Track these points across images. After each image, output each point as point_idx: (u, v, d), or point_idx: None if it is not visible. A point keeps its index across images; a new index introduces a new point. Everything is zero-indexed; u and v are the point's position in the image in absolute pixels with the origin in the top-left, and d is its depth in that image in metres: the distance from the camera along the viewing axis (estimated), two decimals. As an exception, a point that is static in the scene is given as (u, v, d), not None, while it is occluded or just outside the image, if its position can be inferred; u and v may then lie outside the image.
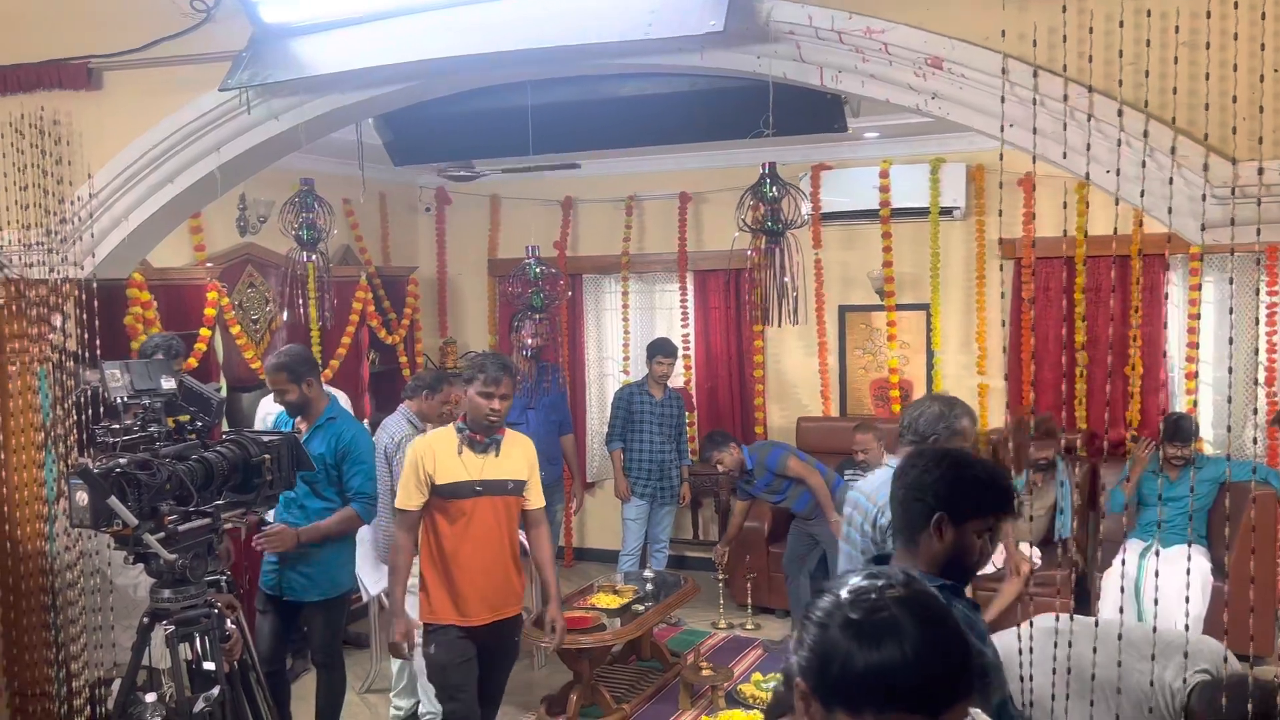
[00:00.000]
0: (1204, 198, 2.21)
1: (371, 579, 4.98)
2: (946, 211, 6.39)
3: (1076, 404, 6.27)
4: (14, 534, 3.31)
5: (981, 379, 6.52)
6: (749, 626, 6.05)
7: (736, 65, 2.65)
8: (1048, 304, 6.32)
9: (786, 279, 3.53)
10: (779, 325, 3.93)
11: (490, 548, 3.76)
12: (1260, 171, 2.16)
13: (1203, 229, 2.20)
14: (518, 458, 3.83)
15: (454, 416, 4.94)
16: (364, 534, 4.80)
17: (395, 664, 4.89)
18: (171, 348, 4.33)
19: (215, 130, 3.09)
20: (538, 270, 4.43)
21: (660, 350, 6.19)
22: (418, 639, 3.92)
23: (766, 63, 2.59)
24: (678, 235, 7.11)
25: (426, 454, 3.69)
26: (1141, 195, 2.27)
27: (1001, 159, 2.41)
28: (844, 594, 1.21)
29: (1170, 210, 2.23)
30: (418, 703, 4.84)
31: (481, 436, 3.70)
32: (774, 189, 3.48)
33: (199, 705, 2.94)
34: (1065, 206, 2.70)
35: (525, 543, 4.27)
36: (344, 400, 5.84)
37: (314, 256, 3.80)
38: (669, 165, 6.97)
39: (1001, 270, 6.37)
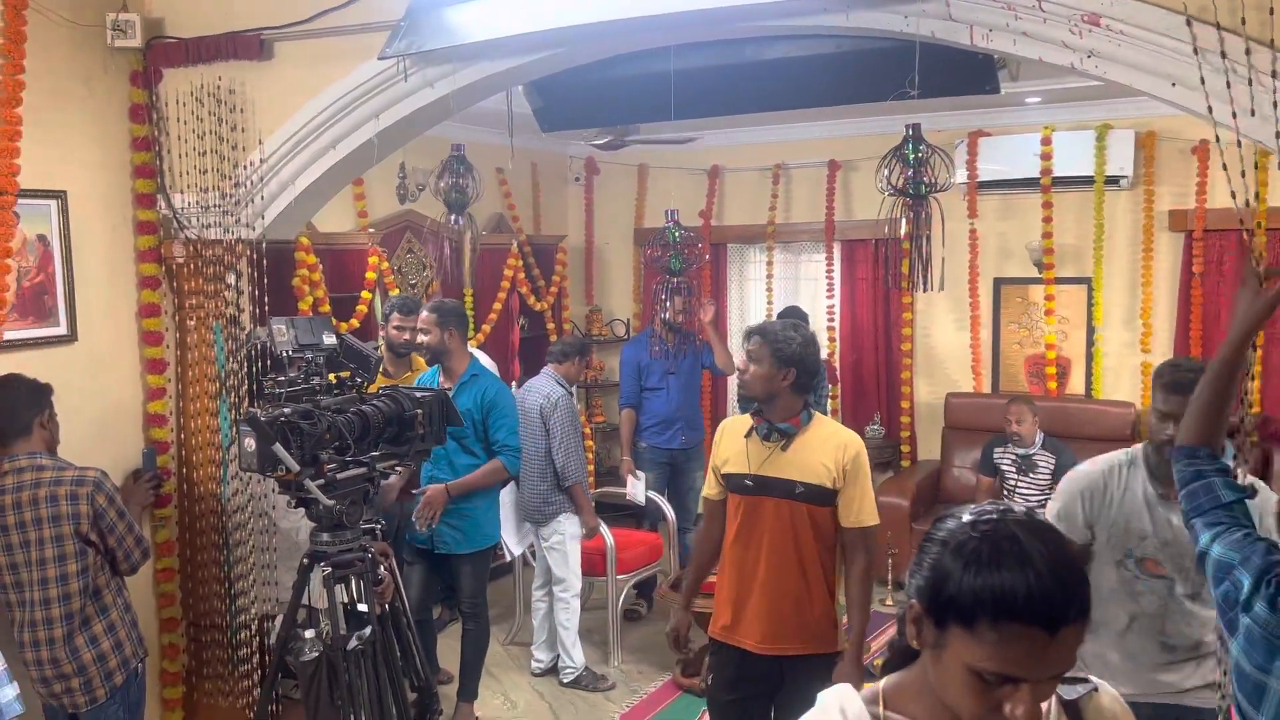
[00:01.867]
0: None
1: (514, 539, 5.15)
2: (1113, 180, 6.07)
3: (1251, 385, 5.90)
4: (191, 477, 3.57)
5: (1145, 357, 6.20)
6: (888, 603, 5.97)
7: (883, 25, 2.59)
8: (1220, 279, 5.95)
9: (928, 245, 3.43)
10: (921, 292, 3.82)
11: (772, 559, 3.08)
12: None
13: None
14: (817, 457, 3.05)
15: (586, 379, 5.12)
16: (505, 496, 4.98)
17: (537, 616, 5.07)
18: (406, 305, 4.70)
19: (374, 98, 3.22)
20: (676, 234, 4.44)
21: (792, 316, 6.11)
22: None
23: (914, 21, 2.53)
24: (825, 204, 7.00)
25: (719, 437, 3.23)
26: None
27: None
28: (965, 517, 1.23)
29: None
30: (557, 656, 5.01)
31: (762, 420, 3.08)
32: (917, 151, 3.37)
33: (352, 643, 3.12)
34: (1243, 175, 2.49)
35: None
36: (489, 364, 6.04)
37: (461, 220, 3.92)
38: (818, 133, 6.87)
39: (1170, 244, 6.05)
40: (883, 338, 6.98)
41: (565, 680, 4.92)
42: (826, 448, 3.05)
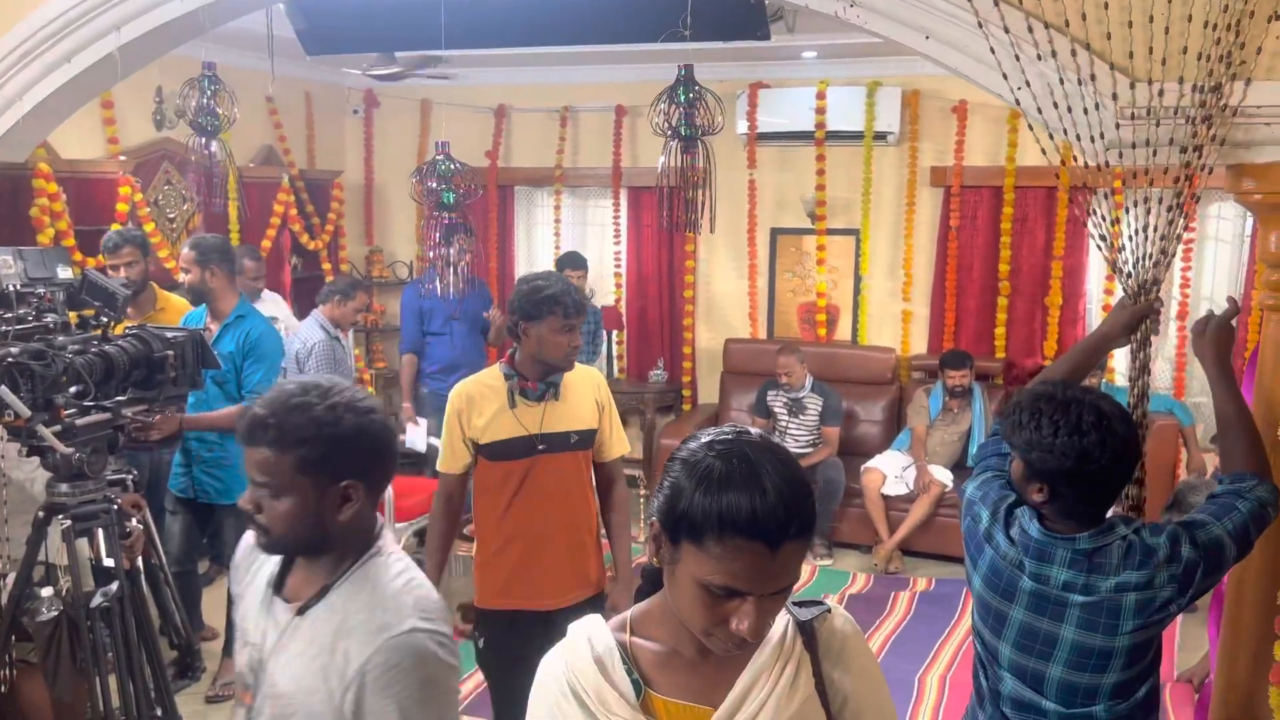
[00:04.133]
0: (1116, 125, 2.22)
1: None
2: (881, 136, 6.38)
3: (997, 333, 6.39)
4: (-97, 424, 3.19)
5: (906, 305, 6.60)
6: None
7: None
8: (974, 233, 6.39)
9: (704, 188, 3.48)
10: (691, 233, 3.87)
11: (557, 516, 3.00)
12: (1160, 93, 2.17)
13: (1106, 149, 2.21)
14: (583, 401, 3.01)
15: (366, 324, 4.93)
16: None
17: None
18: (110, 241, 4.24)
19: (115, 8, 2.92)
20: (446, 167, 4.28)
21: (569, 264, 6.11)
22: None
23: (687, -38, 2.53)
24: (613, 149, 7.01)
25: (464, 406, 2.95)
26: (1050, 111, 2.27)
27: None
28: (704, 438, 1.26)
29: (1080, 134, 2.24)
30: None
31: (534, 384, 2.92)
32: (689, 92, 3.41)
33: (96, 600, 2.90)
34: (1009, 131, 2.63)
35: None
36: (282, 305, 5.74)
37: (213, 146, 3.65)
38: (605, 76, 6.85)
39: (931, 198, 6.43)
40: (666, 285, 7.10)
41: None
42: (585, 389, 3.03)
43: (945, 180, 6.34)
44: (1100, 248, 2.32)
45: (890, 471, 5.88)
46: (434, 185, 4.09)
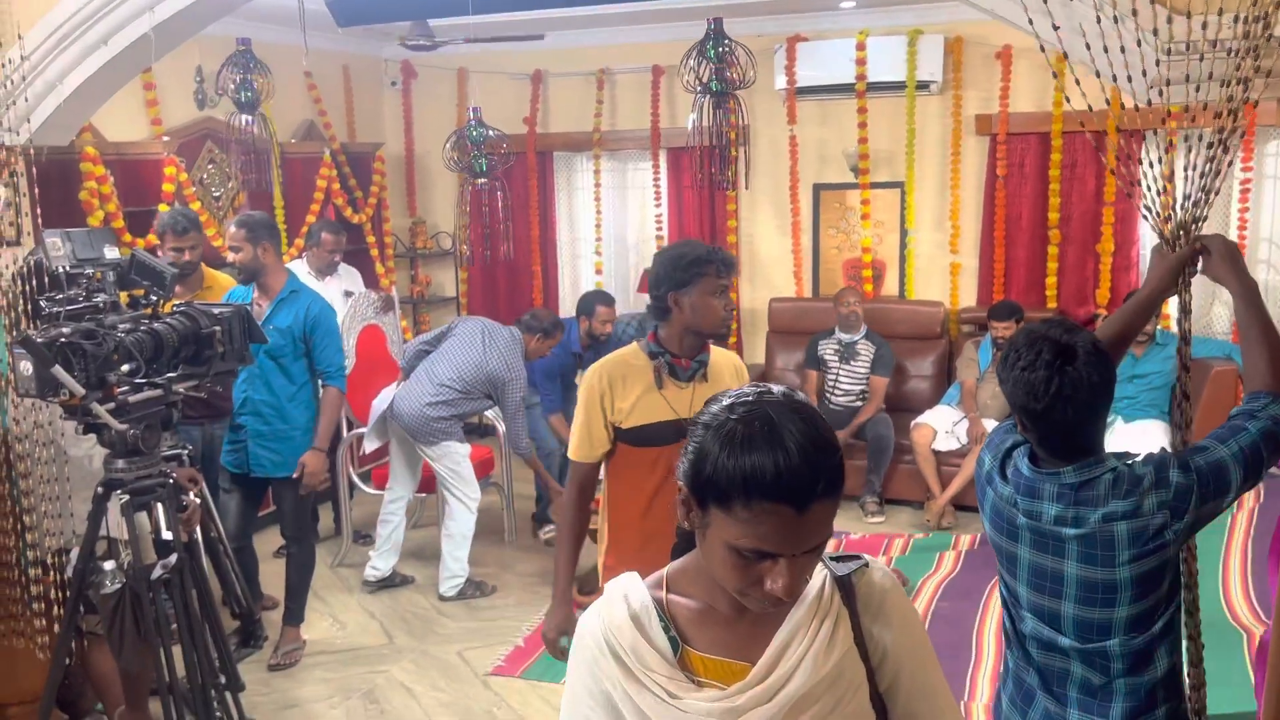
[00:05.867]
0: (1156, 62, 2.15)
1: (372, 435, 5.17)
2: (923, 86, 6.25)
3: (1048, 282, 6.27)
4: (-33, 407, 3.29)
5: (954, 258, 6.49)
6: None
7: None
8: (1022, 181, 6.26)
9: (740, 144, 3.42)
10: (727, 190, 3.82)
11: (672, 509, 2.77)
12: (1204, 25, 2.09)
13: (1150, 87, 2.14)
14: (729, 384, 2.69)
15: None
16: (383, 401, 5.02)
17: (386, 527, 5.05)
18: (177, 224, 4.32)
19: (148, -12, 2.96)
20: (476, 134, 4.27)
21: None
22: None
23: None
24: (650, 110, 6.95)
25: (607, 387, 2.69)
26: (1097, 50, 2.20)
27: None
28: (725, 401, 1.25)
29: (1119, 71, 2.17)
30: (395, 567, 5.08)
31: (687, 362, 2.69)
32: (719, 46, 3.35)
33: (156, 572, 2.98)
34: (1055, 77, 2.56)
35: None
36: (358, 278, 5.82)
37: (253, 120, 3.68)
38: (641, 36, 6.77)
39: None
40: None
41: (448, 593, 4.91)
42: (727, 371, 2.76)
43: (990, 128, 6.21)
44: (1129, 193, 2.26)
45: (941, 426, 5.82)
46: (467, 154, 4.09)
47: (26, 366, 2.69)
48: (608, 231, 7.35)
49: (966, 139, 6.33)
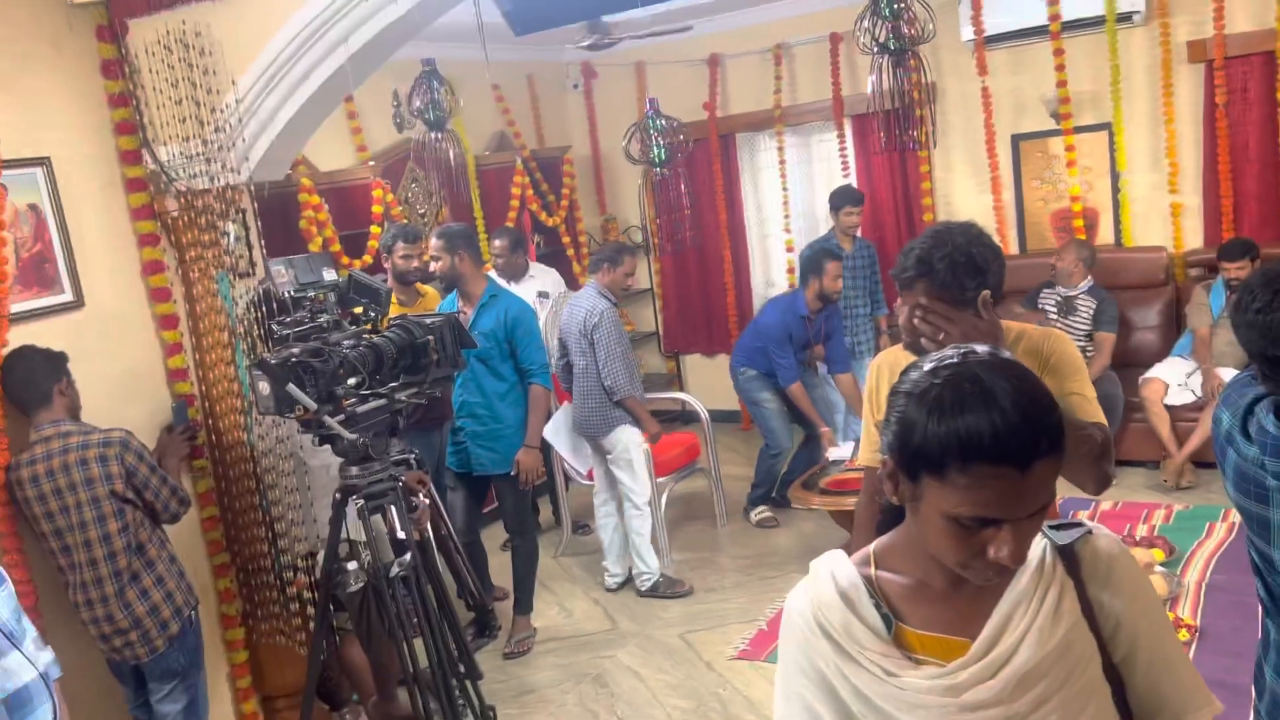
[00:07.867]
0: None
1: (577, 459, 5.16)
2: (1124, 17, 5.81)
3: (1286, 215, 5.72)
4: (217, 427, 3.60)
5: (1175, 198, 6.02)
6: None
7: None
8: (1246, 108, 5.72)
9: (925, 102, 3.28)
10: (912, 150, 3.63)
11: None
12: None
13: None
14: None
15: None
16: (561, 418, 5.01)
17: (605, 532, 5.06)
18: (408, 233, 4.74)
19: (339, 22, 3.12)
20: (659, 125, 4.28)
21: (849, 199, 6.00)
22: None
23: None
24: (831, 80, 6.80)
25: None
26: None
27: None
28: (926, 366, 1.19)
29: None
30: (630, 568, 5.05)
31: None
32: (893, 3, 3.22)
33: (394, 570, 3.17)
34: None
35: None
36: (552, 275, 5.98)
37: (442, 136, 3.85)
38: (815, 5, 6.62)
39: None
40: (903, 210, 6.83)
41: (643, 589, 4.92)
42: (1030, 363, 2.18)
43: (1205, 54, 5.71)
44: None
45: (1173, 380, 5.42)
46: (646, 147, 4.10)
47: (264, 387, 2.92)
48: (795, 208, 7.25)
49: (1178, 69, 5.85)
